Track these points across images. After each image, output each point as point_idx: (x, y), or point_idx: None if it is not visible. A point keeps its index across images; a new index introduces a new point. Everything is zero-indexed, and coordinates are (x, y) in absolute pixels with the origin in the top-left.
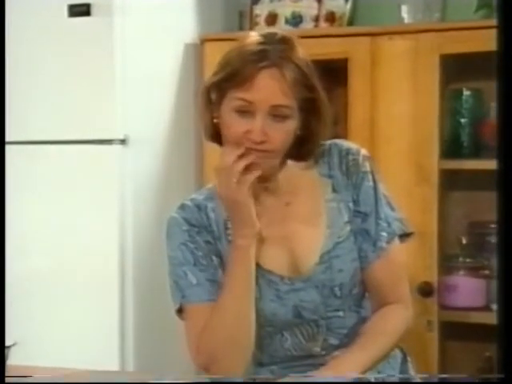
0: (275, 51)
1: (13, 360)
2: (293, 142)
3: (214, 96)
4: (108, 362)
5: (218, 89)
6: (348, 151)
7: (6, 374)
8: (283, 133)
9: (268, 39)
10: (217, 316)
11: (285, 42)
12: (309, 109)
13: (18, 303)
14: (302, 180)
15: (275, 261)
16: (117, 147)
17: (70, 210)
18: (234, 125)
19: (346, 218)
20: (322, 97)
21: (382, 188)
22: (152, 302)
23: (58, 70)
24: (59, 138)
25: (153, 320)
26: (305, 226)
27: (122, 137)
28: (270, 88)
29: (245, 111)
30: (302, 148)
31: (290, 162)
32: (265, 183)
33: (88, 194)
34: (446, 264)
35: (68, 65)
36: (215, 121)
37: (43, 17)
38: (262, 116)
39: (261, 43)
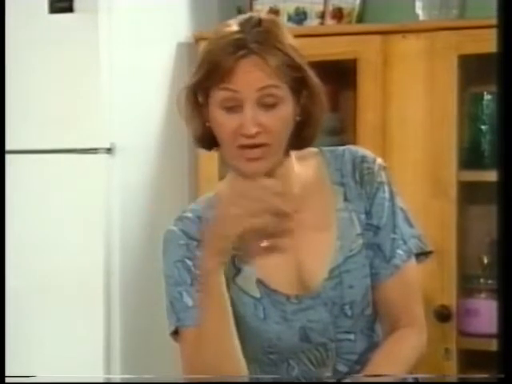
0: (252, 38)
1: None
2: (293, 130)
3: (200, 98)
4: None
5: (201, 89)
6: (363, 159)
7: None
8: (278, 120)
9: (244, 26)
10: (201, 340)
11: (261, 25)
12: (300, 89)
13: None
14: (313, 187)
15: (281, 277)
16: (103, 156)
17: (53, 223)
18: (224, 123)
19: (358, 229)
20: (310, 74)
21: (399, 202)
22: (139, 317)
23: (37, 71)
24: (40, 146)
25: (139, 334)
26: (314, 237)
27: (108, 145)
28: (253, 73)
29: (232, 106)
30: (302, 132)
31: (298, 169)
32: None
33: (72, 206)
34: (466, 286)
35: (49, 66)
36: (207, 124)
37: (21, 13)
38: (251, 105)
39: (237, 32)
